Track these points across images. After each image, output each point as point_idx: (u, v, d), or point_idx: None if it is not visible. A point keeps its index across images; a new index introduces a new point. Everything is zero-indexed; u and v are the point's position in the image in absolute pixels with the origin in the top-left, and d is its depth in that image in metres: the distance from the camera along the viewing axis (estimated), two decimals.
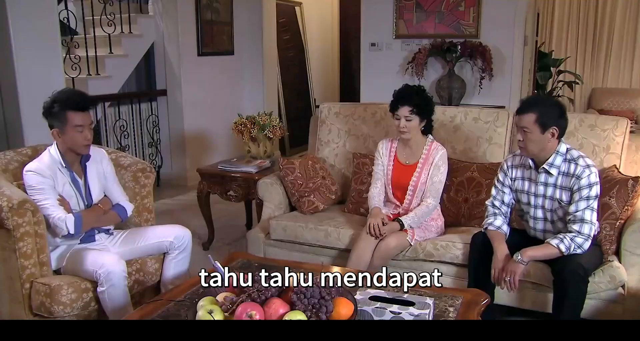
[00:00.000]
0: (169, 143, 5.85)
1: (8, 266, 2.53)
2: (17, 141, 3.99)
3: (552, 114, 2.55)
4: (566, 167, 2.59)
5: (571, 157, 2.59)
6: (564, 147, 2.61)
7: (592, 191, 2.53)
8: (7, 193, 2.48)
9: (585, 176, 2.54)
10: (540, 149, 2.59)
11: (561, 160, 2.59)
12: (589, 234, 2.51)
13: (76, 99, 2.61)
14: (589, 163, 2.57)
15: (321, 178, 3.47)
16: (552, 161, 2.60)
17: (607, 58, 7.81)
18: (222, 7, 6.03)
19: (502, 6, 5.14)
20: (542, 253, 2.57)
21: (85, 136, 2.62)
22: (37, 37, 3.93)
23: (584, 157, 2.59)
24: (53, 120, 2.61)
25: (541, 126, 2.53)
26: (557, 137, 2.57)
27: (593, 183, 2.53)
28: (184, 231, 2.85)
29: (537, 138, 2.55)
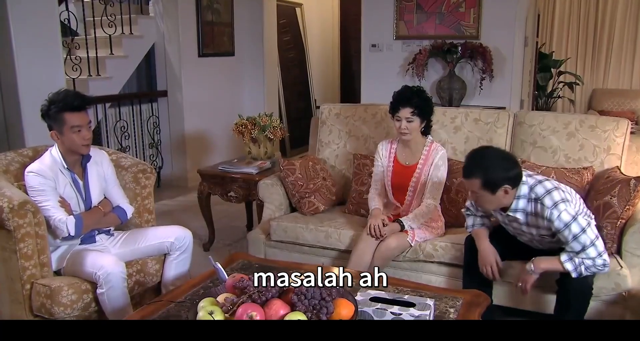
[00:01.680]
0: (170, 144, 5.85)
1: (8, 267, 2.53)
2: (17, 142, 3.99)
3: (497, 173, 2.39)
4: (532, 207, 2.45)
5: (536, 196, 2.43)
6: (525, 189, 2.45)
7: (573, 227, 2.37)
8: (7, 194, 2.48)
9: (555, 218, 2.38)
10: (498, 206, 2.50)
11: (525, 202, 2.46)
12: (597, 254, 2.39)
13: (72, 99, 2.60)
14: (556, 200, 2.38)
15: (322, 179, 3.47)
16: (516, 207, 2.47)
17: (608, 59, 7.81)
18: (223, 8, 6.03)
19: (503, 7, 5.14)
20: (554, 268, 2.46)
21: (83, 135, 2.62)
22: (38, 38, 3.94)
23: (550, 193, 2.40)
24: (51, 122, 2.61)
25: (489, 189, 2.40)
26: (512, 189, 2.42)
27: (569, 222, 2.37)
28: (184, 232, 2.86)
29: (490, 199, 2.44)
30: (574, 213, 2.39)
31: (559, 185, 2.47)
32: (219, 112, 6.04)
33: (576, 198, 2.51)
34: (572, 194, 2.49)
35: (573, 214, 2.38)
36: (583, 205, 2.56)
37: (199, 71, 5.82)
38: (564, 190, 2.45)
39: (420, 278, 2.93)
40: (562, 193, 2.41)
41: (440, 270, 2.95)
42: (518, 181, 2.43)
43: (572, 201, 2.45)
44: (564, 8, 7.90)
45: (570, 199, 2.43)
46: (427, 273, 2.98)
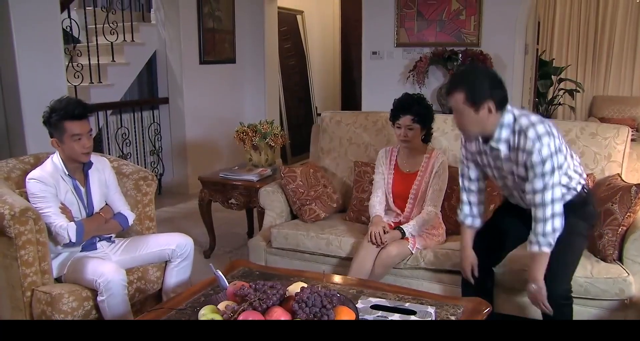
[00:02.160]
0: (171, 151, 5.86)
1: (9, 274, 2.53)
2: (19, 149, 4.00)
3: (481, 87, 2.26)
4: (515, 141, 2.31)
5: (520, 127, 2.28)
6: (509, 117, 2.31)
7: (546, 166, 2.24)
8: (9, 201, 2.48)
9: (535, 150, 2.23)
10: (481, 128, 2.33)
11: (508, 132, 2.31)
12: (551, 215, 2.27)
13: (73, 108, 2.60)
14: (540, 133, 2.25)
15: (322, 186, 3.47)
16: (499, 136, 2.32)
17: (608, 66, 7.83)
18: (224, 15, 6.06)
19: (503, 15, 5.16)
20: (539, 266, 2.35)
21: (83, 144, 2.62)
22: (40, 45, 3.95)
23: (534, 126, 2.26)
24: (52, 129, 2.62)
25: (472, 104, 2.26)
26: (496, 111, 2.29)
27: (546, 157, 2.23)
28: (186, 239, 2.86)
29: (473, 119, 2.29)
30: (554, 149, 2.26)
31: (545, 120, 2.34)
32: (220, 119, 6.05)
33: (560, 136, 2.37)
34: (557, 129, 2.35)
35: (553, 151, 2.26)
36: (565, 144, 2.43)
37: (200, 78, 5.83)
38: (550, 124, 2.32)
39: (421, 286, 2.93)
40: (547, 127, 2.28)
41: (441, 278, 2.95)
42: (503, 103, 2.30)
43: (556, 136, 2.31)
44: (564, 15, 7.93)
45: (555, 135, 2.30)
46: (428, 280, 2.97)
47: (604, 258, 2.73)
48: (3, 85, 3.99)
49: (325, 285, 2.17)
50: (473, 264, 2.63)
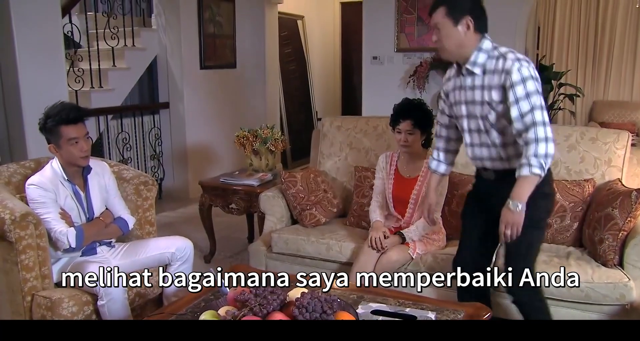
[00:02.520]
0: (171, 156, 5.87)
1: (10, 279, 2.53)
2: (20, 154, 4.00)
3: (462, 3, 2.29)
4: (493, 64, 2.28)
5: (499, 53, 2.28)
6: (488, 44, 2.31)
7: (529, 85, 2.19)
8: (9, 206, 2.48)
9: (515, 69, 2.19)
10: (458, 46, 2.31)
11: (485, 57, 2.30)
12: (544, 137, 2.17)
13: (67, 112, 2.60)
14: (520, 57, 2.24)
15: (323, 191, 3.47)
16: (475, 59, 2.30)
17: (608, 71, 7.84)
18: (225, 20, 6.07)
19: (503, 20, 5.17)
20: (528, 187, 2.20)
21: (81, 147, 2.63)
22: (42, 50, 3.96)
23: (514, 52, 2.27)
24: (48, 135, 2.62)
25: (452, 18, 2.27)
26: (474, 31, 2.29)
27: (527, 77, 2.19)
28: (185, 242, 2.86)
29: (451, 32, 2.29)
30: (535, 74, 2.21)
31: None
32: (221, 124, 6.06)
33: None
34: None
35: (532, 75, 2.20)
36: None
37: (201, 83, 5.85)
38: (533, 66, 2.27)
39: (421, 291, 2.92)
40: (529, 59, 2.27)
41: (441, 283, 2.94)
42: (482, 23, 2.31)
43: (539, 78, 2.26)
44: (564, 20, 7.94)
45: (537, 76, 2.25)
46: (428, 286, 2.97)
47: (604, 262, 2.73)
48: (4, 90, 4.00)
49: None
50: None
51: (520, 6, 5.12)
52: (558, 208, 3.02)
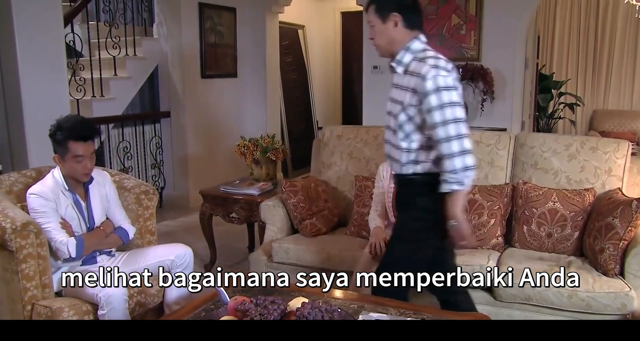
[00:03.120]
0: (172, 165, 5.87)
1: (10, 288, 2.53)
2: (21, 163, 4.01)
3: (389, 1, 2.31)
4: (414, 66, 2.24)
5: (423, 57, 2.24)
6: (417, 45, 2.29)
7: (443, 96, 2.13)
8: (10, 215, 2.48)
9: (430, 77, 2.14)
10: (388, 43, 2.32)
11: (410, 58, 2.28)
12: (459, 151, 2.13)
13: (79, 129, 2.60)
14: (441, 65, 2.18)
15: (323, 200, 3.47)
16: (400, 58, 2.30)
17: (608, 80, 7.87)
18: (226, 30, 6.10)
19: (503, 29, 5.19)
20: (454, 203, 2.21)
21: (84, 165, 2.63)
22: (44, 59, 3.98)
23: (438, 60, 2.21)
24: (56, 145, 2.63)
25: (380, 15, 2.30)
26: (405, 28, 2.29)
27: (441, 87, 2.13)
28: (185, 249, 2.85)
29: (380, 29, 2.31)
30: (452, 84, 2.16)
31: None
32: (222, 133, 6.07)
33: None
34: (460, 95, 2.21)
35: (449, 85, 2.15)
36: None
37: (202, 92, 5.86)
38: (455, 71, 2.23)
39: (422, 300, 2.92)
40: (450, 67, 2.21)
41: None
42: (412, 23, 2.30)
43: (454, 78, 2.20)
44: (564, 30, 7.98)
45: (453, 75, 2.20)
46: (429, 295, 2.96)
47: (605, 272, 2.73)
48: (6, 98, 4.01)
49: (326, 300, 2.16)
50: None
51: (520, 16, 5.14)
52: (559, 217, 3.02)
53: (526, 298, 2.72)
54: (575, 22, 7.91)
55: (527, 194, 3.12)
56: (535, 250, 3.08)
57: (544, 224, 3.05)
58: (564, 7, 7.91)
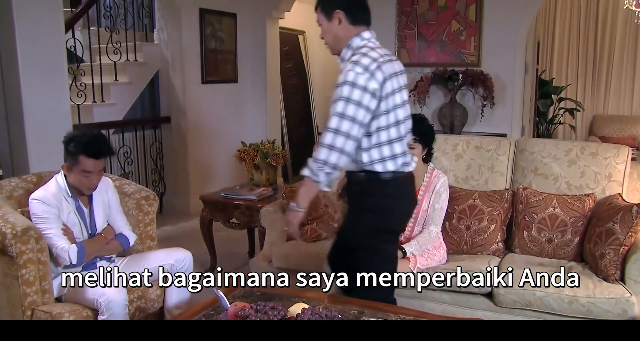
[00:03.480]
0: (173, 170, 5.87)
1: (10, 293, 2.53)
2: (22, 168, 4.01)
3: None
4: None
5: (359, 52, 2.25)
6: (357, 42, 2.31)
7: (345, 90, 2.14)
8: (11, 220, 2.49)
9: (346, 70, 2.17)
10: (334, 40, 2.35)
11: (350, 54, 2.29)
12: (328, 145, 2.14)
13: (93, 145, 2.60)
14: (362, 62, 2.18)
15: (324, 206, 3.47)
16: (343, 55, 2.32)
17: (608, 85, 7.88)
18: (226, 35, 6.11)
19: (503, 35, 5.21)
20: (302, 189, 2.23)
21: (90, 181, 2.64)
22: (45, 64, 3.99)
23: (365, 56, 2.21)
24: (67, 155, 2.63)
25: (326, 13, 2.33)
26: (350, 25, 2.31)
27: (349, 82, 2.14)
28: (184, 253, 2.86)
29: (327, 27, 2.35)
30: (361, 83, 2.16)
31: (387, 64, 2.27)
32: (222, 139, 6.07)
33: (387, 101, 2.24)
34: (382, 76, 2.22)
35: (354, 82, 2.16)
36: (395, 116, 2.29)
37: (202, 97, 5.87)
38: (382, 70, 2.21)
39: (423, 306, 2.92)
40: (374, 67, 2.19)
41: (442, 298, 2.94)
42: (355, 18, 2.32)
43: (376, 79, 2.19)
44: (563, 35, 8.00)
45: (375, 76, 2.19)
46: (429, 300, 2.96)
47: (605, 277, 2.73)
48: (7, 103, 4.01)
49: (327, 306, 2.16)
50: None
51: (519, 21, 5.16)
52: (559, 223, 3.02)
53: (527, 303, 2.72)
54: (575, 28, 7.93)
55: (528, 199, 3.12)
56: (535, 256, 3.08)
57: (544, 230, 3.05)
58: (564, 12, 7.94)
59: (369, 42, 2.32)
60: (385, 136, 2.28)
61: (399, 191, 2.38)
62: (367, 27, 2.36)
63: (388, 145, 2.29)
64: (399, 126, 2.32)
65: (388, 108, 2.26)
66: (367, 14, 2.38)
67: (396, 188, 2.36)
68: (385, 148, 2.29)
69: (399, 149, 2.32)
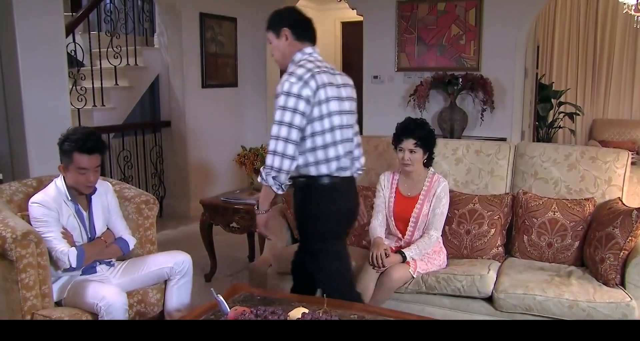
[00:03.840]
0: (173, 174, 5.88)
1: (10, 298, 2.52)
2: (22, 172, 4.01)
3: (279, 17, 2.55)
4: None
5: (297, 65, 2.47)
6: (298, 57, 2.52)
7: (280, 99, 2.36)
8: (11, 224, 2.49)
9: (282, 81, 2.39)
10: (282, 56, 2.56)
11: (294, 68, 2.46)
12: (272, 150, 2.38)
13: (85, 142, 2.60)
14: (297, 73, 2.40)
15: None
16: (290, 69, 2.49)
17: (607, 89, 7.89)
18: (227, 40, 6.12)
19: (503, 39, 5.22)
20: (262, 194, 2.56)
21: (87, 178, 2.64)
22: (45, 68, 4.00)
23: (301, 68, 2.43)
24: (62, 155, 2.63)
25: (274, 31, 2.54)
26: (296, 40, 2.52)
27: (284, 92, 2.36)
28: (183, 256, 2.86)
29: (276, 45, 2.56)
30: (296, 92, 2.36)
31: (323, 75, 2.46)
32: (222, 143, 6.08)
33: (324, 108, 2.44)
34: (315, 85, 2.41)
35: (292, 92, 2.36)
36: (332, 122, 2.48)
37: (202, 101, 5.88)
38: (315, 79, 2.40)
39: (423, 311, 2.91)
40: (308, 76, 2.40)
41: (442, 302, 2.94)
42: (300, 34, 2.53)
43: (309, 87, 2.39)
44: (563, 39, 8.01)
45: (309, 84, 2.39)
46: (430, 305, 2.96)
47: (606, 282, 2.73)
48: (7, 107, 4.02)
49: (326, 310, 2.16)
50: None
51: (519, 26, 5.17)
52: (559, 227, 3.02)
53: (527, 308, 2.71)
54: (575, 32, 7.94)
55: (527, 204, 3.12)
56: (535, 260, 3.08)
57: (544, 234, 3.05)
58: (563, 17, 7.95)
59: (310, 57, 2.53)
60: (320, 140, 2.46)
61: (333, 195, 2.56)
62: (311, 44, 2.58)
63: (322, 149, 2.48)
64: (334, 132, 2.49)
65: (322, 114, 2.44)
66: (311, 32, 2.60)
67: (330, 192, 2.55)
68: (319, 152, 2.48)
69: (333, 154, 2.50)
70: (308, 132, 2.43)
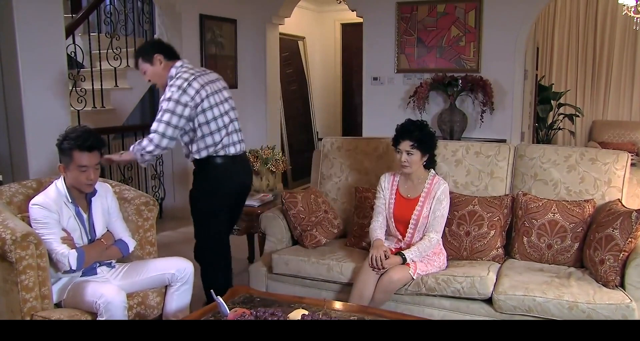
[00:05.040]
0: (172, 175, 5.87)
1: (9, 299, 2.52)
2: (22, 174, 4.01)
3: (147, 49, 3.09)
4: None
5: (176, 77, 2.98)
6: (173, 72, 3.02)
7: (164, 104, 2.93)
8: (10, 226, 2.49)
9: (166, 90, 2.97)
10: (161, 78, 3.07)
11: (174, 81, 2.97)
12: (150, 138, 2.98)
13: (84, 139, 2.62)
14: (176, 84, 2.93)
15: (323, 211, 3.47)
16: (169, 83, 2.99)
17: (607, 91, 7.89)
18: (227, 41, 6.13)
19: (502, 41, 5.22)
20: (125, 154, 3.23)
21: (87, 176, 2.64)
22: (45, 70, 3.99)
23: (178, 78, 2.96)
24: (61, 155, 2.64)
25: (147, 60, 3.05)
26: (167, 61, 3.03)
27: (167, 98, 2.92)
28: (185, 263, 2.86)
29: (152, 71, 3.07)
30: (175, 98, 2.91)
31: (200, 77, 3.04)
32: None
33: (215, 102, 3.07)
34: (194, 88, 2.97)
35: (173, 98, 2.92)
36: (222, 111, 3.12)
37: None
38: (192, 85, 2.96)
39: (422, 312, 2.92)
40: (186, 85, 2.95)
41: (442, 304, 2.94)
42: (170, 55, 3.07)
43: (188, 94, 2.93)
44: (563, 41, 8.02)
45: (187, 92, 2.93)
46: (429, 306, 2.96)
47: (605, 283, 2.73)
48: (7, 109, 4.02)
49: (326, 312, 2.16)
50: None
51: (519, 27, 5.17)
52: (559, 229, 3.02)
53: (527, 309, 2.71)
54: (574, 34, 7.95)
55: (527, 205, 3.12)
56: (535, 261, 3.08)
57: (544, 236, 3.05)
58: (563, 18, 7.96)
59: (182, 68, 3.04)
60: (206, 129, 3.03)
61: (212, 173, 3.12)
62: (178, 59, 3.09)
63: (210, 136, 3.04)
64: (217, 120, 3.06)
65: (205, 108, 3.00)
66: (175, 51, 3.14)
67: (210, 171, 3.12)
68: (208, 139, 3.04)
69: (218, 138, 3.07)
70: (197, 124, 3.00)
